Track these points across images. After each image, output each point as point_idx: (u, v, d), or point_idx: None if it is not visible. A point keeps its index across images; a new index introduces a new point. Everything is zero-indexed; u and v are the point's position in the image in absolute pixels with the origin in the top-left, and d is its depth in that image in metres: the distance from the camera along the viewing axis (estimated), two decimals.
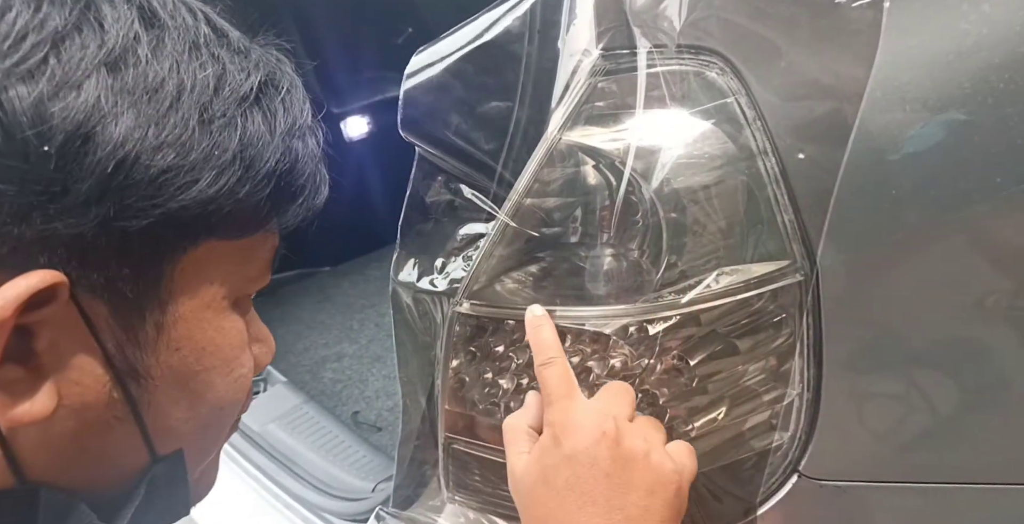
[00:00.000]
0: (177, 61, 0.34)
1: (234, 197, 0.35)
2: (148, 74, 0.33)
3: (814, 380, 0.54)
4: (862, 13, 0.51)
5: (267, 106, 0.37)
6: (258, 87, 0.37)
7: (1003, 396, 0.57)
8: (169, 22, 0.35)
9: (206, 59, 0.35)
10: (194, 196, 0.34)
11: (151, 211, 0.33)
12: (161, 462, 0.38)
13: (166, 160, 0.33)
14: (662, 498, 0.47)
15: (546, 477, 0.48)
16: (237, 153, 0.35)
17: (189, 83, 0.34)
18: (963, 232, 0.54)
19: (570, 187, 0.52)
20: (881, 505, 0.58)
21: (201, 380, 0.39)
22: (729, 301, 0.52)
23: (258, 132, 0.36)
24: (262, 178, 0.36)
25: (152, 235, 0.34)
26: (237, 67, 0.36)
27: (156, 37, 0.34)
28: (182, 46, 0.35)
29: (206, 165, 0.34)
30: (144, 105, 0.33)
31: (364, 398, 1.45)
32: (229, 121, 0.35)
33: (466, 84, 0.55)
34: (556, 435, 0.49)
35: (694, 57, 0.52)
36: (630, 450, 0.48)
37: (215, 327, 0.38)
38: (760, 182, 0.52)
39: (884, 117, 0.51)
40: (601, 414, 0.49)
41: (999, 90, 0.50)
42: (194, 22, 0.36)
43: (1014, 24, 0.50)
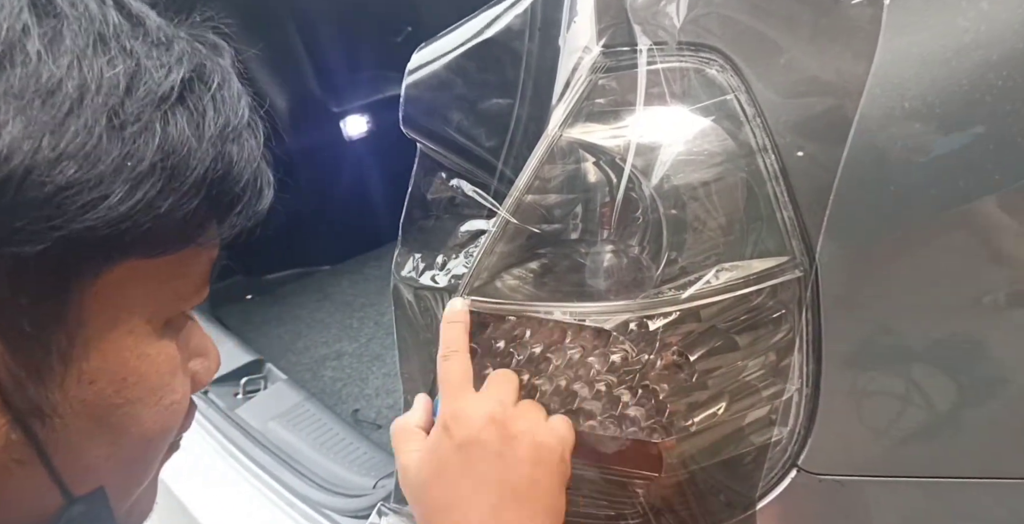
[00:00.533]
0: (78, 57, 0.29)
1: (154, 212, 0.30)
2: (41, 74, 0.28)
3: (813, 375, 0.54)
4: (862, 10, 0.51)
5: (193, 106, 0.32)
6: (181, 84, 0.32)
7: (1000, 392, 0.57)
8: (68, 10, 0.30)
9: (115, 54, 0.30)
10: (103, 215, 0.29)
11: (48, 234, 0.28)
12: (79, 502, 0.34)
13: (66, 174, 0.28)
14: (546, 467, 0.48)
15: (440, 469, 0.48)
16: (156, 162, 0.30)
17: (93, 83, 0.29)
18: (961, 229, 0.54)
19: (571, 184, 0.53)
20: (879, 499, 0.58)
21: (123, 413, 0.34)
22: (729, 297, 0.52)
23: (182, 137, 0.31)
24: (188, 188, 0.31)
25: (52, 260, 0.29)
26: (155, 62, 0.31)
27: (51, 29, 0.29)
28: (85, 39, 0.30)
29: (117, 178, 0.29)
30: (36, 110, 0.28)
31: (364, 396, 1.45)
32: (145, 126, 0.30)
33: (467, 81, 0.55)
34: (447, 426, 0.49)
35: (694, 54, 0.52)
36: (517, 430, 0.49)
37: (138, 355, 0.33)
38: (760, 179, 0.52)
39: (883, 114, 0.51)
40: (488, 400, 0.50)
41: (997, 87, 0.50)
42: (100, 9, 0.31)
43: (1012, 21, 0.51)
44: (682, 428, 0.54)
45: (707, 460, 0.55)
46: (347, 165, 1.79)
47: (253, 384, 1.33)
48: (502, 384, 0.52)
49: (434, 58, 0.56)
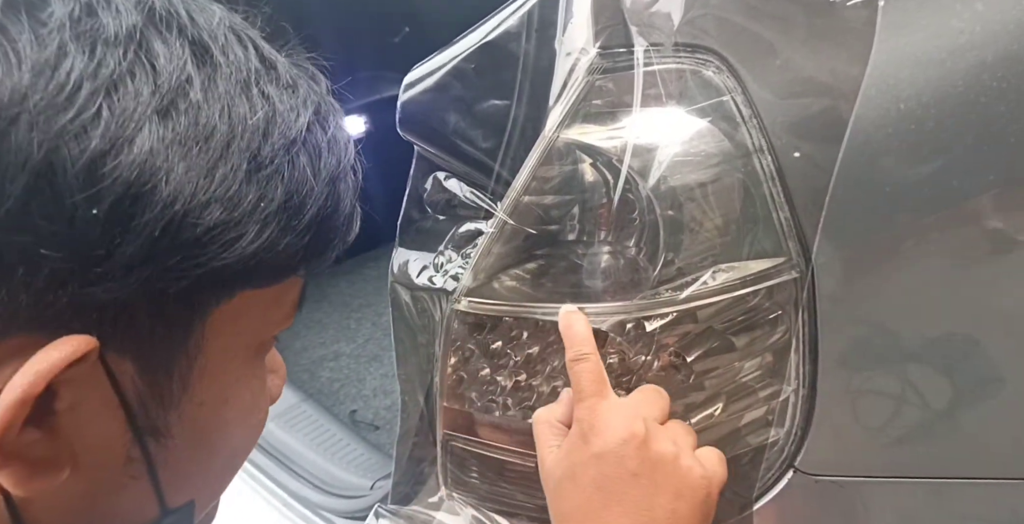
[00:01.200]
0: (228, 104, 0.30)
1: (275, 249, 0.31)
2: (200, 120, 0.29)
3: (810, 376, 0.54)
4: (857, 12, 0.51)
5: (313, 148, 0.33)
6: (307, 128, 0.33)
7: (996, 392, 0.57)
8: (221, 59, 0.31)
9: (256, 99, 0.31)
10: (238, 253, 0.30)
11: (193, 271, 0.29)
12: (171, 514, 0.36)
13: (213, 217, 0.29)
14: (690, 503, 0.47)
15: (574, 473, 0.48)
16: (282, 203, 0.31)
17: (240, 128, 0.30)
18: (956, 230, 0.54)
19: (568, 185, 0.53)
20: (876, 500, 0.58)
21: (220, 433, 0.36)
22: (725, 298, 0.52)
23: (303, 178, 0.32)
24: (304, 228, 0.32)
25: (189, 293, 0.30)
26: (287, 106, 0.32)
27: (208, 77, 0.30)
28: (233, 86, 0.30)
29: (251, 218, 0.30)
30: (195, 156, 0.29)
31: (361, 397, 1.45)
32: (276, 169, 0.31)
33: (464, 83, 0.55)
34: (584, 433, 0.48)
35: (690, 55, 0.52)
36: (658, 452, 0.47)
37: (237, 377, 0.36)
38: (756, 180, 0.52)
39: (878, 115, 0.51)
40: (631, 414, 0.48)
41: (992, 88, 0.51)
42: (245, 56, 0.32)
43: (1007, 22, 0.51)
44: None
45: None
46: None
47: None
48: (648, 398, 0.50)
49: (430, 72, 0.56)
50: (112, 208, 0.27)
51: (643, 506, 0.46)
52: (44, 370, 0.28)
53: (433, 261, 0.60)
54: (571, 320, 0.52)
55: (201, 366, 0.33)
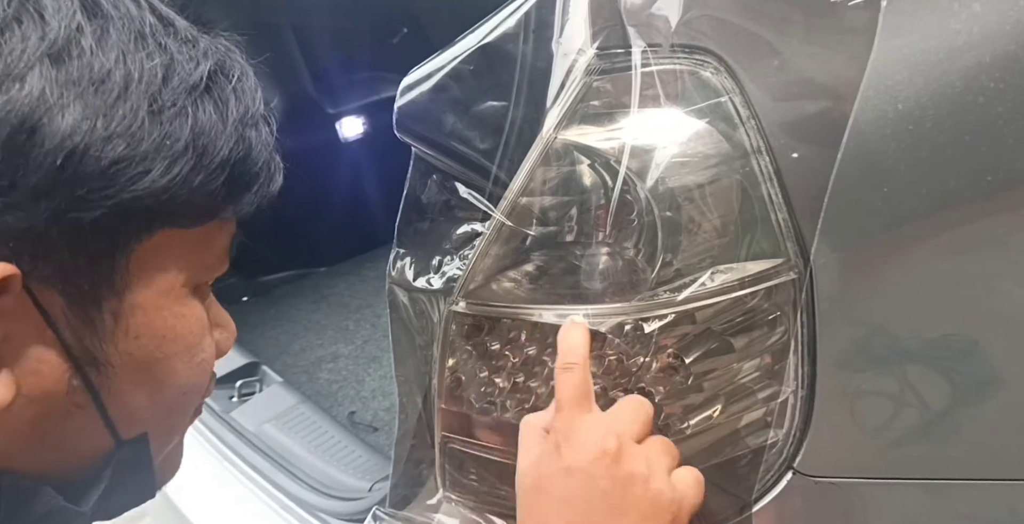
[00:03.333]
0: (123, 51, 0.34)
1: (188, 186, 0.35)
2: (93, 65, 0.33)
3: (808, 377, 0.54)
4: (858, 12, 0.51)
5: (218, 95, 0.37)
6: (208, 76, 0.37)
7: (995, 392, 0.57)
8: (112, 12, 0.35)
9: (153, 49, 0.35)
10: (147, 186, 0.34)
11: (103, 202, 0.33)
12: (126, 446, 0.39)
13: (116, 151, 0.33)
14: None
15: (542, 485, 0.48)
16: (189, 142, 0.35)
17: (136, 73, 0.34)
18: (954, 231, 0.54)
19: (565, 186, 0.53)
20: (876, 501, 0.58)
21: (163, 366, 0.39)
22: (724, 299, 0.52)
23: (210, 121, 0.36)
24: (216, 167, 0.36)
25: (105, 226, 0.34)
26: (185, 56, 0.36)
27: (100, 27, 0.34)
28: (127, 36, 0.34)
29: (158, 155, 0.34)
30: (91, 96, 0.32)
31: (360, 398, 1.45)
32: (180, 110, 0.35)
33: (462, 84, 0.55)
34: (559, 444, 0.48)
35: (688, 56, 0.52)
36: (629, 473, 0.47)
37: (175, 314, 0.39)
38: (754, 181, 0.52)
39: (876, 116, 0.51)
40: (607, 430, 0.48)
41: (990, 89, 0.51)
42: (139, 12, 0.36)
43: (1004, 23, 0.51)
44: (678, 431, 0.54)
45: (703, 462, 0.55)
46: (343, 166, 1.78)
47: (248, 387, 1.33)
48: (629, 412, 0.50)
49: (428, 74, 0.56)
50: (9, 140, 0.31)
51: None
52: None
53: (431, 262, 0.60)
54: (570, 330, 0.52)
55: (131, 300, 0.36)
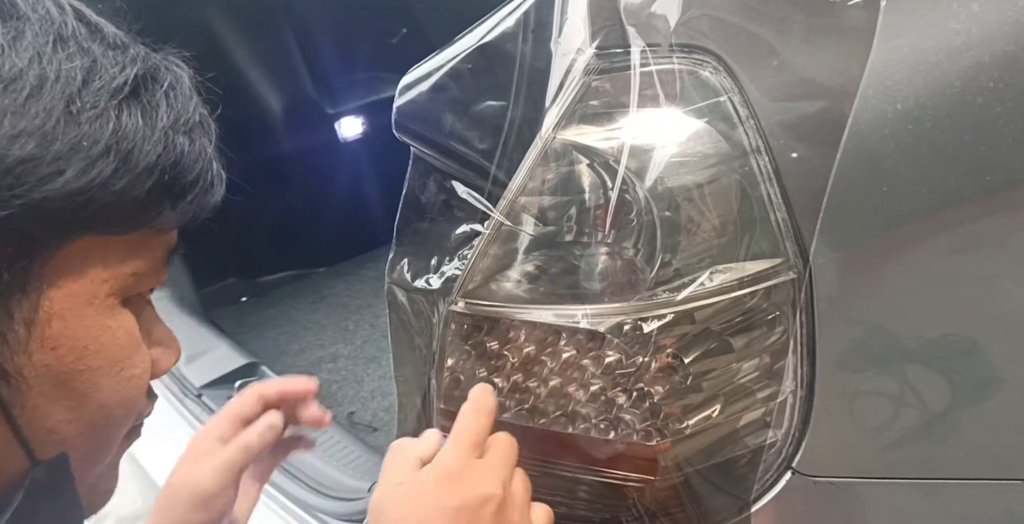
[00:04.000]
0: (39, 52, 0.33)
1: (109, 190, 0.34)
2: (3, 64, 0.32)
3: (807, 377, 0.54)
4: (858, 12, 0.51)
5: (147, 100, 0.36)
6: (135, 80, 0.36)
7: (994, 393, 0.57)
8: (30, 14, 0.34)
9: (74, 51, 0.35)
10: (59, 187, 0.33)
11: (11, 202, 0.32)
12: (42, 466, 0.37)
13: (25, 149, 0.32)
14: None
15: (420, 520, 0.46)
16: (111, 145, 0.34)
17: (53, 74, 0.33)
18: (954, 230, 0.54)
19: (564, 186, 0.53)
20: (875, 501, 0.58)
21: (85, 380, 0.37)
22: (723, 299, 0.52)
23: (135, 125, 0.35)
24: (141, 172, 0.35)
25: (16, 228, 0.33)
26: (111, 61, 0.36)
27: (14, 28, 0.33)
28: (44, 38, 0.34)
29: (73, 156, 0.33)
30: (2, 94, 0.32)
31: (359, 398, 1.45)
32: (100, 113, 0.34)
33: (460, 84, 0.55)
34: (449, 480, 0.47)
35: (687, 56, 0.52)
36: (509, 520, 0.47)
37: (99, 325, 0.37)
38: (753, 181, 0.52)
39: (875, 116, 0.51)
40: (496, 476, 0.48)
41: (989, 89, 0.51)
42: (60, 15, 0.35)
43: (1003, 23, 0.51)
44: (677, 431, 0.54)
45: (702, 463, 0.55)
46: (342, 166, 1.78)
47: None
48: (506, 459, 0.50)
49: (427, 74, 0.56)
50: None
51: None
52: None
53: (430, 262, 0.60)
54: (476, 408, 0.52)
55: (47, 309, 0.35)
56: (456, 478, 0.47)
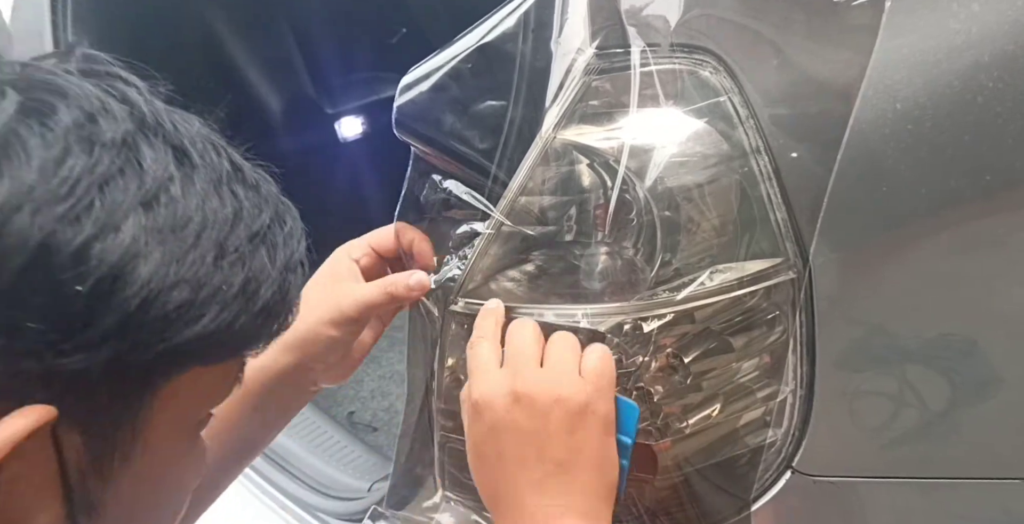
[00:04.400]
0: (203, 199, 0.35)
1: (231, 330, 0.35)
2: (177, 212, 0.33)
3: (807, 377, 0.54)
4: (862, 11, 0.51)
5: (271, 241, 0.37)
6: (268, 224, 0.37)
7: (994, 392, 0.57)
8: (199, 161, 0.35)
9: (226, 196, 0.36)
10: (198, 331, 0.33)
11: (157, 346, 0.33)
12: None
13: (180, 296, 0.33)
14: (583, 431, 0.47)
15: (480, 453, 0.49)
16: (241, 288, 0.35)
17: (210, 221, 0.34)
18: (954, 230, 0.54)
19: (564, 185, 0.53)
20: (874, 500, 0.58)
21: (149, 510, 0.38)
22: (723, 298, 0.52)
23: (261, 266, 0.36)
24: (258, 311, 0.36)
25: (145, 367, 0.33)
26: (251, 203, 0.37)
27: (186, 175, 0.35)
28: (208, 184, 0.35)
29: (212, 300, 0.34)
30: (170, 243, 0.33)
31: (359, 398, 1.45)
32: (239, 257, 0.35)
33: (461, 83, 0.55)
34: (478, 411, 0.49)
35: (687, 56, 0.52)
36: (541, 402, 0.47)
37: (177, 453, 0.38)
38: (753, 180, 0.52)
39: (875, 116, 0.51)
40: (507, 376, 0.49)
41: (989, 89, 0.51)
42: (219, 160, 0.37)
43: (1003, 23, 0.51)
44: (677, 430, 0.54)
45: (702, 462, 0.55)
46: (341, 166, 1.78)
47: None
48: (518, 343, 0.50)
49: (427, 73, 0.56)
50: (96, 286, 0.30)
51: (545, 457, 0.47)
52: (8, 437, 0.29)
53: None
54: (486, 311, 0.53)
55: (144, 440, 0.35)
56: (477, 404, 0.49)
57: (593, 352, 0.50)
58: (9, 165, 0.30)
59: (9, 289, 0.29)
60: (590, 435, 0.48)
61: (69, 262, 0.30)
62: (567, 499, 0.46)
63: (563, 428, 0.47)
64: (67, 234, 0.30)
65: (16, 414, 0.30)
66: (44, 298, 0.30)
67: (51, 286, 0.30)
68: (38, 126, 0.31)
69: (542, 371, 0.49)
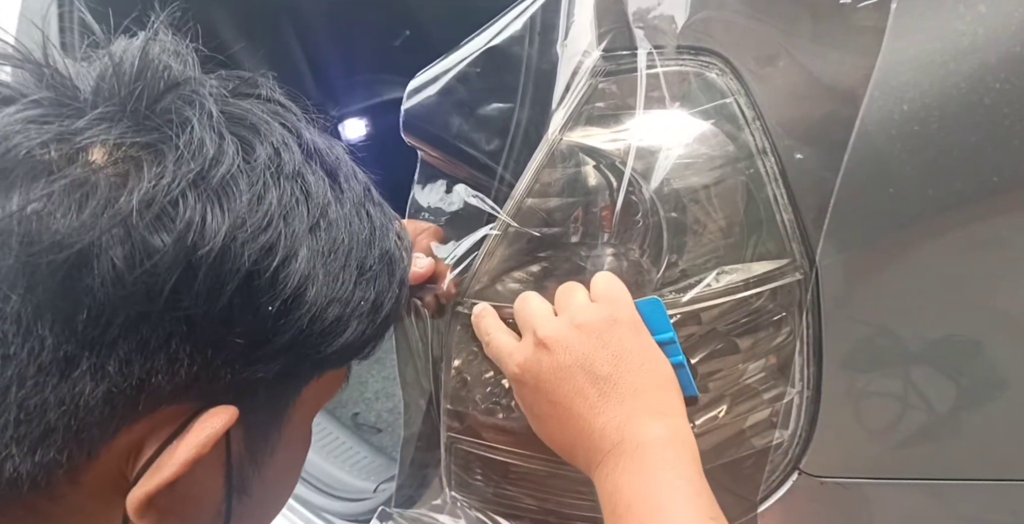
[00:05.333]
0: (349, 222, 0.37)
1: (364, 338, 0.39)
2: (332, 236, 0.36)
3: (814, 378, 0.54)
4: (868, 13, 0.51)
5: (391, 257, 0.40)
6: (394, 242, 0.40)
7: (999, 393, 0.57)
8: (345, 185, 0.38)
9: (363, 217, 0.38)
10: (342, 342, 0.37)
11: (314, 357, 0.36)
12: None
13: (334, 313, 0.36)
14: (615, 340, 0.48)
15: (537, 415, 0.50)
16: (372, 301, 0.38)
17: (355, 241, 0.37)
18: (960, 232, 0.54)
19: (571, 187, 0.53)
20: (881, 501, 0.58)
21: (279, 492, 0.42)
22: (729, 300, 0.52)
23: (386, 282, 0.39)
24: (382, 321, 0.39)
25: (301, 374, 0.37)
26: (380, 222, 0.40)
27: (337, 199, 0.37)
28: (351, 207, 0.38)
29: (354, 315, 0.37)
30: (329, 264, 0.36)
31: (364, 400, 1.45)
32: (375, 274, 0.38)
33: (467, 86, 0.56)
34: (518, 379, 0.50)
35: (694, 58, 0.52)
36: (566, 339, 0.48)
37: (304, 443, 0.42)
38: (760, 182, 0.52)
39: (882, 117, 0.51)
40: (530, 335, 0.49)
41: (995, 90, 0.51)
42: (359, 185, 0.39)
43: (1009, 24, 0.51)
44: None
45: (709, 463, 0.55)
46: None
47: None
48: (523, 309, 0.51)
49: (435, 77, 0.56)
50: (282, 305, 0.34)
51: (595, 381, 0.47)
52: (212, 434, 0.34)
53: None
54: (476, 317, 0.54)
55: (287, 434, 0.39)
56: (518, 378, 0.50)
57: (598, 280, 0.51)
58: (229, 201, 0.33)
59: (223, 309, 0.33)
60: (622, 340, 0.48)
61: (266, 286, 0.33)
62: (630, 404, 0.47)
63: (596, 346, 0.48)
64: (265, 262, 0.33)
65: (212, 414, 0.34)
66: (246, 317, 0.33)
67: (252, 307, 0.33)
68: (243, 163, 0.34)
69: (558, 317, 0.50)
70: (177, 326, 0.32)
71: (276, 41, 1.63)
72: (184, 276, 0.31)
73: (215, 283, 0.32)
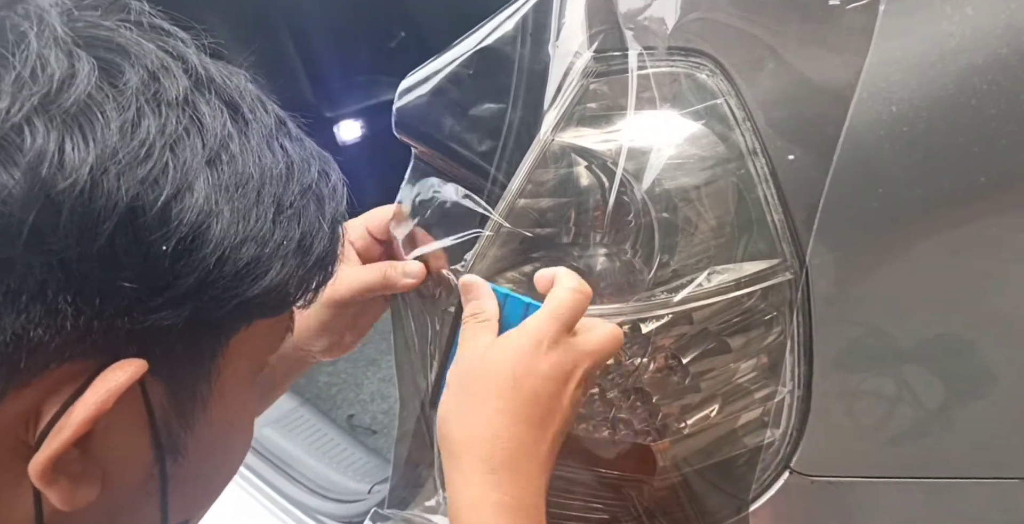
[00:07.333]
0: (259, 155, 0.35)
1: (291, 283, 0.36)
2: (238, 169, 0.33)
3: (805, 377, 0.55)
4: (857, 15, 0.52)
5: (318, 195, 0.38)
6: (317, 177, 0.38)
7: (990, 391, 0.58)
8: (250, 116, 0.35)
9: (276, 151, 0.36)
10: (264, 286, 0.34)
11: (230, 301, 0.34)
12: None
13: (249, 253, 0.33)
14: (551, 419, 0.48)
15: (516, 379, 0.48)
16: (298, 242, 0.36)
17: (268, 176, 0.35)
18: (949, 231, 0.55)
19: (563, 188, 0.53)
20: (872, 500, 0.59)
21: (224, 454, 0.40)
22: (720, 299, 0.52)
23: (314, 220, 0.37)
24: (313, 264, 0.37)
25: (219, 321, 0.35)
26: (299, 157, 0.37)
27: (241, 132, 0.35)
28: (260, 140, 0.35)
29: (275, 255, 0.35)
30: (236, 201, 0.33)
31: (359, 401, 1.45)
32: (296, 212, 0.36)
33: (460, 86, 0.56)
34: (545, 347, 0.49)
35: (684, 59, 0.52)
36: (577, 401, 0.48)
37: (242, 400, 0.39)
38: (750, 182, 0.52)
39: (871, 118, 0.52)
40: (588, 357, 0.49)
41: (982, 91, 0.51)
42: (267, 117, 0.37)
43: (996, 26, 0.51)
44: (675, 430, 0.55)
45: (700, 462, 0.55)
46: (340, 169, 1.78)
47: None
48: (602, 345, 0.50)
49: (427, 77, 0.57)
50: (178, 245, 0.31)
51: None
52: (113, 389, 0.31)
53: None
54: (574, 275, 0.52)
55: (219, 389, 0.37)
56: (552, 347, 0.48)
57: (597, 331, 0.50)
58: (92, 129, 0.30)
59: (103, 250, 0.30)
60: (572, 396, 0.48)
61: (154, 223, 0.31)
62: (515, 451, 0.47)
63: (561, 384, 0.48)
64: (149, 196, 0.30)
65: (114, 367, 0.31)
66: (134, 259, 0.30)
67: (140, 247, 0.30)
68: (109, 88, 0.31)
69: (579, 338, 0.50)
70: (51, 272, 0.29)
71: (271, 43, 1.63)
72: (44, 214, 0.28)
73: (86, 220, 0.29)
